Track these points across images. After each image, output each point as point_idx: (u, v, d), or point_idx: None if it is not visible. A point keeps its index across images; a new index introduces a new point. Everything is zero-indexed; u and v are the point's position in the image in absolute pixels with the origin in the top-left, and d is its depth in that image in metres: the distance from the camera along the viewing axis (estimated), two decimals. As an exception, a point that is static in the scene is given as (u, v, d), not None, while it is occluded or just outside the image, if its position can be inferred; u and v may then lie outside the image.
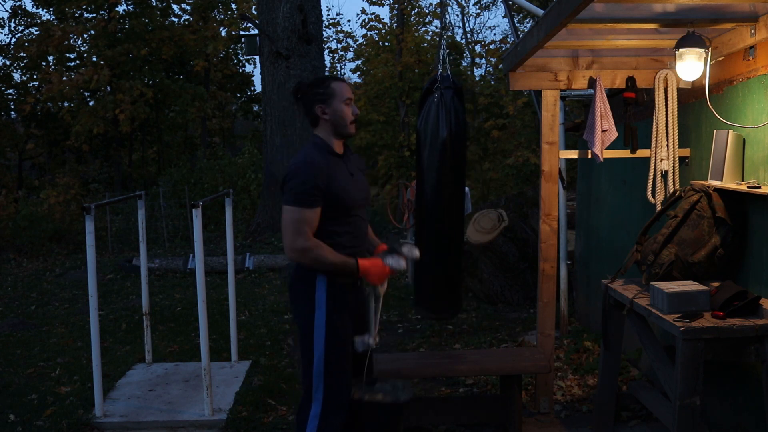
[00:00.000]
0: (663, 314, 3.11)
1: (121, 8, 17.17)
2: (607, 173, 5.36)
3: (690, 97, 4.09)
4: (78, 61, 17.72)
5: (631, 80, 4.13)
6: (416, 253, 3.12)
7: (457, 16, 25.86)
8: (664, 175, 4.07)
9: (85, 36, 16.80)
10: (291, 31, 11.52)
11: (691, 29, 3.45)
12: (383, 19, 26.90)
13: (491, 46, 18.96)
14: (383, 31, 19.83)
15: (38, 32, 17.06)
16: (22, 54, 17.42)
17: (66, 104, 17.13)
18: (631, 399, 4.13)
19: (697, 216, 3.46)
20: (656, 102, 4.03)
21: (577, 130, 5.68)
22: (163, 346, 5.91)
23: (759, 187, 3.22)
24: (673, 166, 4.05)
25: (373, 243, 3.23)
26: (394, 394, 3.07)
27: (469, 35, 23.17)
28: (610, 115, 4.08)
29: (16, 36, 19.20)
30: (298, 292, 3.04)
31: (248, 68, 28.44)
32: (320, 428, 2.96)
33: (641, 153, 4.17)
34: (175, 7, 18.51)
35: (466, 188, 4.14)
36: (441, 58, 4.01)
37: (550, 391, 4.26)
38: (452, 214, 3.92)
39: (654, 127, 4.05)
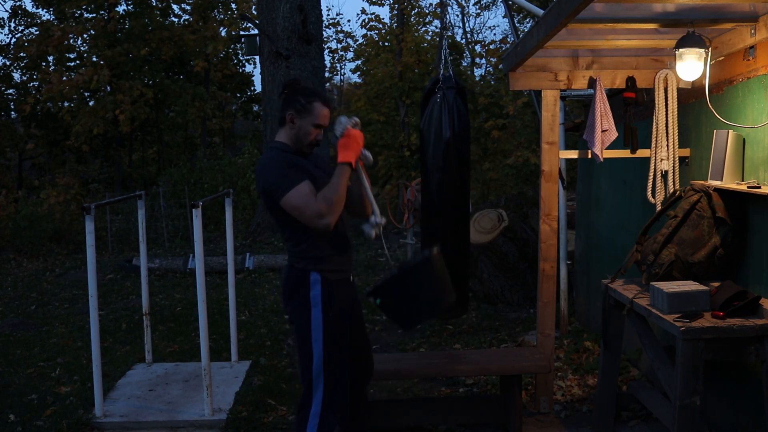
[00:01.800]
0: (663, 314, 3.11)
1: (120, 8, 17.18)
2: (607, 173, 5.36)
3: (690, 97, 4.09)
4: (78, 61, 17.72)
5: (631, 80, 4.13)
6: (370, 157, 3.11)
7: (457, 16, 25.89)
8: (664, 175, 4.07)
9: (85, 36, 16.81)
10: (291, 31, 11.52)
11: (691, 29, 3.45)
12: (383, 19, 26.96)
13: (491, 46, 18.96)
14: (383, 31, 19.83)
15: (38, 32, 17.06)
16: (22, 54, 17.42)
17: (66, 104, 17.14)
18: (631, 399, 4.13)
19: (697, 216, 3.46)
20: (656, 102, 4.03)
21: (577, 130, 5.68)
22: (163, 346, 5.91)
23: (759, 187, 3.22)
24: (673, 166, 4.05)
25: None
26: None
27: (469, 35, 23.19)
28: (610, 115, 4.08)
29: (16, 36, 19.23)
30: (292, 293, 3.04)
31: (248, 68, 28.51)
32: (320, 427, 2.97)
33: (641, 153, 4.17)
34: (175, 7, 18.53)
35: (469, 188, 4.15)
36: (443, 58, 4.01)
37: (550, 391, 4.26)
38: (458, 214, 3.92)
39: (654, 127, 4.05)
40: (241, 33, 17.03)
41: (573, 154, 4.44)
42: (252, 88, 22.01)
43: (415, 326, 3.35)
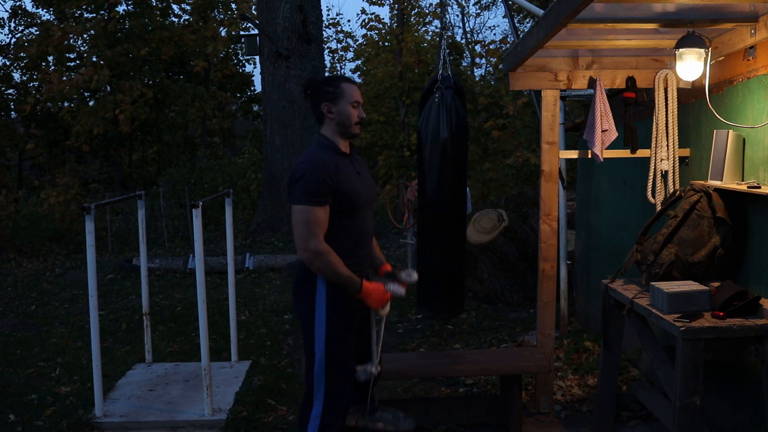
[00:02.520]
0: (663, 314, 3.11)
1: (121, 8, 17.18)
2: (607, 173, 5.36)
3: (690, 97, 4.09)
4: (78, 61, 17.72)
5: (631, 80, 4.13)
6: (415, 276, 3.16)
7: (457, 16, 25.86)
8: (664, 175, 4.07)
9: (85, 36, 16.80)
10: (291, 31, 11.53)
11: (691, 29, 3.45)
12: (383, 19, 26.93)
13: (491, 46, 18.97)
14: (383, 31, 19.83)
15: (38, 32, 17.06)
16: (22, 54, 17.41)
17: (66, 104, 17.13)
18: (631, 399, 4.13)
19: (697, 216, 3.46)
20: (656, 102, 4.03)
21: (577, 130, 5.68)
22: (163, 346, 5.91)
23: (759, 187, 3.22)
24: (673, 166, 4.05)
25: (378, 260, 3.24)
26: (395, 424, 3.09)
27: (469, 35, 23.18)
28: (610, 115, 4.08)
29: (16, 36, 19.22)
30: (300, 292, 3.03)
31: (248, 68, 28.48)
32: (321, 428, 2.97)
33: (641, 153, 4.17)
34: (175, 7, 18.53)
35: (467, 188, 4.14)
36: (441, 58, 4.01)
37: (550, 391, 4.26)
38: (454, 214, 3.92)
39: (654, 127, 4.05)
40: (241, 33, 17.03)
41: (573, 154, 4.44)
42: (252, 88, 22.01)
43: None
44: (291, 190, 2.92)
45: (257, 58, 13.33)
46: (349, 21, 54.35)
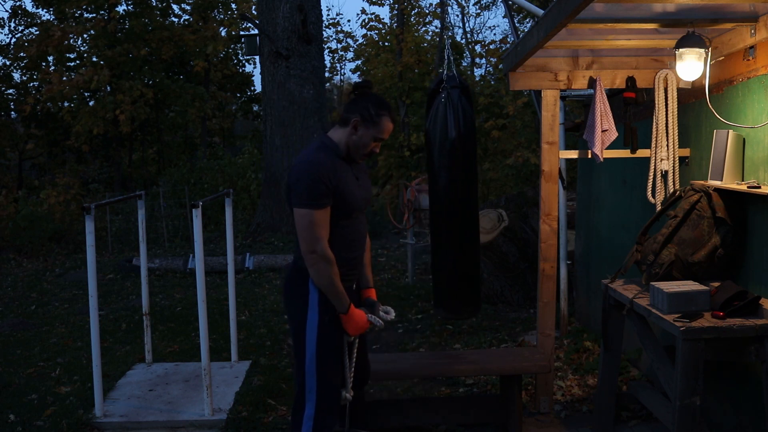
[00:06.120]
0: (663, 314, 3.11)
1: (120, 8, 17.17)
2: (607, 173, 5.36)
3: (690, 97, 4.09)
4: (78, 61, 17.71)
5: (631, 80, 4.13)
6: (392, 315, 3.20)
7: (457, 16, 25.89)
8: (664, 175, 4.07)
9: (85, 36, 16.80)
10: (291, 31, 11.53)
11: (691, 29, 3.45)
12: (383, 19, 26.95)
13: (491, 46, 18.96)
14: (383, 31, 19.83)
15: (38, 32, 17.05)
16: (22, 54, 17.41)
17: (66, 104, 17.13)
18: (631, 399, 4.13)
19: (697, 216, 3.46)
20: (656, 102, 4.03)
21: (577, 130, 5.69)
22: (163, 346, 5.91)
23: (759, 187, 3.22)
24: (673, 166, 4.05)
25: (365, 279, 3.24)
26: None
27: (469, 35, 23.18)
28: (610, 115, 4.08)
29: (16, 36, 19.22)
30: (292, 293, 3.04)
31: (248, 68, 28.49)
32: (315, 429, 2.97)
33: (641, 153, 4.17)
34: (175, 7, 18.52)
35: (477, 186, 4.16)
36: (446, 58, 4.02)
37: (550, 391, 4.26)
38: (466, 213, 3.93)
39: (654, 127, 4.05)
40: (241, 33, 17.03)
41: (573, 154, 4.44)
42: (252, 88, 22.01)
43: None
44: (290, 193, 2.90)
45: (257, 58, 13.33)
46: (349, 21, 54.45)
